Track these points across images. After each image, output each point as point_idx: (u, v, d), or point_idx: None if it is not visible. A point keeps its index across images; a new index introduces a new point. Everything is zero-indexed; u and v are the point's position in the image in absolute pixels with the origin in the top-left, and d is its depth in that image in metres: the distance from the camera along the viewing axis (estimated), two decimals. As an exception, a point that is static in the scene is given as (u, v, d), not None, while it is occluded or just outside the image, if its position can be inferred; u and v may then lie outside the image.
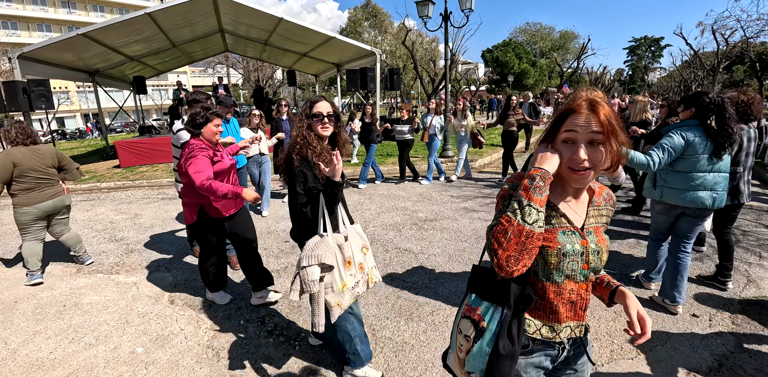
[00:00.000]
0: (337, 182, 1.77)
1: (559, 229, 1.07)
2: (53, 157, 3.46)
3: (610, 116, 0.97)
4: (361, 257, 1.92)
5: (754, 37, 19.35)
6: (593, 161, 0.99)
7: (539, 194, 0.98)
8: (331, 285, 1.79)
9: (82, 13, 39.13)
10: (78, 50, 8.72)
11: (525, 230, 0.96)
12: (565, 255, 1.05)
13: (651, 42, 51.55)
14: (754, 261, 3.52)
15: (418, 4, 8.74)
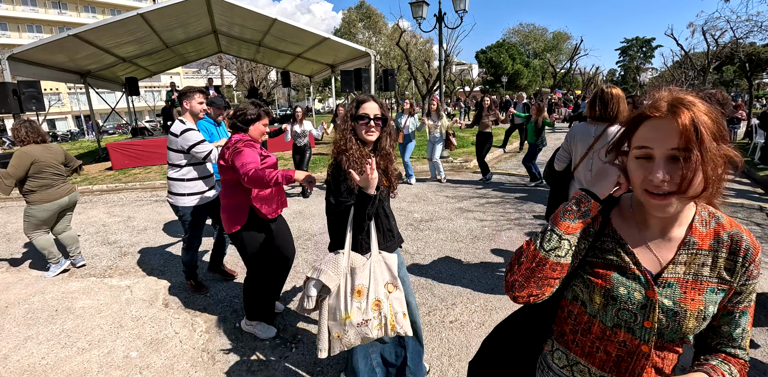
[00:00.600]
0: (368, 194, 1.50)
1: (617, 268, 0.84)
2: (62, 154, 3.59)
3: (703, 121, 0.71)
4: (382, 293, 1.60)
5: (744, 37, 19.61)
6: (677, 181, 0.72)
7: (569, 219, 0.83)
8: (335, 311, 1.57)
9: (73, 14, 38.75)
10: (69, 51, 8.62)
11: (538, 257, 0.83)
12: (615, 300, 0.83)
13: (642, 43, 52.12)
14: (746, 259, 3.55)
15: (413, 5, 8.78)
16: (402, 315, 1.63)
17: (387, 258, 1.68)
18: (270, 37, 10.96)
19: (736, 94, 34.87)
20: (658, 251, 0.84)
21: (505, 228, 4.49)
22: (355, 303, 1.55)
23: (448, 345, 2.42)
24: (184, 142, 2.80)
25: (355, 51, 10.39)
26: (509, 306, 2.84)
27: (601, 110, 2.44)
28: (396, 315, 1.62)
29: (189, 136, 2.81)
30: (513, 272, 0.86)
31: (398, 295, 1.65)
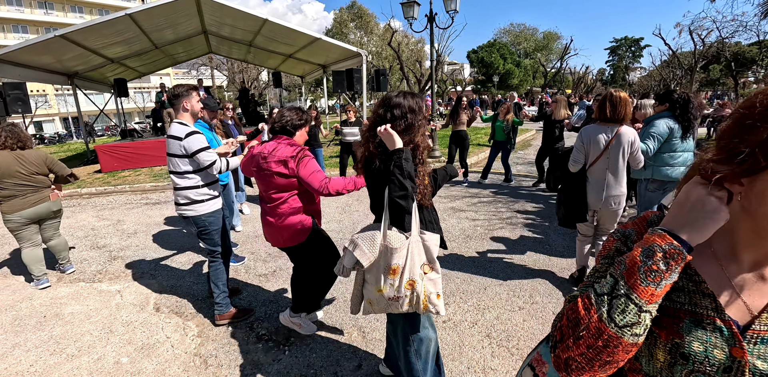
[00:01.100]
0: (393, 150, 1.54)
1: (688, 314, 0.63)
2: (40, 163, 3.31)
3: None
4: (417, 274, 1.59)
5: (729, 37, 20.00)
6: None
7: (653, 283, 0.59)
8: (369, 282, 1.65)
9: (60, 14, 38.13)
10: (56, 52, 8.48)
11: (606, 333, 0.59)
12: (686, 358, 0.62)
13: (631, 42, 52.80)
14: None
15: (404, 5, 8.79)
16: (436, 295, 1.64)
17: (427, 239, 1.64)
18: (261, 37, 10.90)
19: (722, 92, 35.46)
20: (748, 294, 0.62)
21: (497, 228, 4.52)
22: (389, 280, 1.58)
23: (442, 344, 2.43)
24: (189, 146, 2.49)
25: (347, 51, 10.38)
26: (501, 305, 2.86)
27: (611, 111, 2.68)
28: (430, 296, 1.63)
29: (195, 140, 2.52)
30: (567, 347, 0.63)
31: (434, 276, 1.64)
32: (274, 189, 2.22)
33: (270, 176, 2.19)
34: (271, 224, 2.31)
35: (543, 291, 3.05)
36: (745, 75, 31.51)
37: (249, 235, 4.54)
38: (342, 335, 2.56)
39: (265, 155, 2.21)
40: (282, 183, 2.19)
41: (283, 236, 2.30)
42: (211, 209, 2.67)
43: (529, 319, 2.68)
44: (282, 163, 2.15)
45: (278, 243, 2.36)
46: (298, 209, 2.26)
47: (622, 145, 2.70)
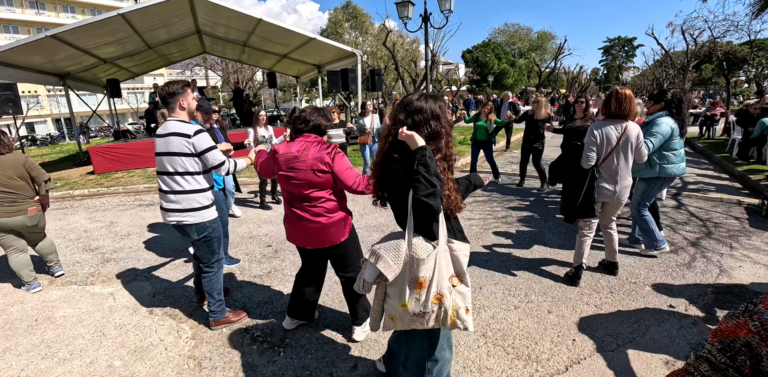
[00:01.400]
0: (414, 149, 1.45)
1: None
2: (18, 168, 3.14)
3: None
4: (446, 287, 1.47)
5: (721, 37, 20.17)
6: None
7: None
8: (391, 297, 1.52)
9: (52, 14, 37.75)
10: (47, 53, 8.39)
11: None
12: None
13: (624, 42, 53.21)
14: (725, 252, 3.65)
15: (398, 5, 8.79)
16: (465, 310, 1.53)
17: (456, 249, 1.52)
18: (255, 37, 10.86)
19: (714, 91, 35.80)
20: None
21: (492, 227, 4.53)
22: (414, 295, 1.46)
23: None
24: (199, 144, 2.32)
25: (342, 51, 10.36)
26: (496, 305, 2.86)
27: (617, 108, 2.79)
28: (458, 311, 1.51)
29: (204, 138, 2.35)
30: None
31: (463, 290, 1.53)
32: (312, 188, 2.17)
33: (308, 174, 2.13)
34: (311, 225, 2.21)
35: (538, 290, 3.06)
36: (737, 74, 31.83)
37: (243, 236, 4.51)
38: (337, 335, 2.55)
39: (296, 154, 2.16)
40: (320, 181, 2.15)
41: (329, 234, 2.24)
42: (215, 214, 2.51)
43: (524, 318, 2.69)
44: (319, 159, 2.13)
45: (319, 243, 2.26)
46: (341, 205, 2.27)
47: (630, 140, 2.83)
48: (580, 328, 2.56)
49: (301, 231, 2.27)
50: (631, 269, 3.37)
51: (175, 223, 2.41)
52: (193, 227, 2.43)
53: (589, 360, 2.26)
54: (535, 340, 2.45)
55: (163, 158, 2.35)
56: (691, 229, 4.27)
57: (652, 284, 3.11)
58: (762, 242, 3.85)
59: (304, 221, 2.23)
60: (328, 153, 2.15)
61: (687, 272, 3.29)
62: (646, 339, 2.43)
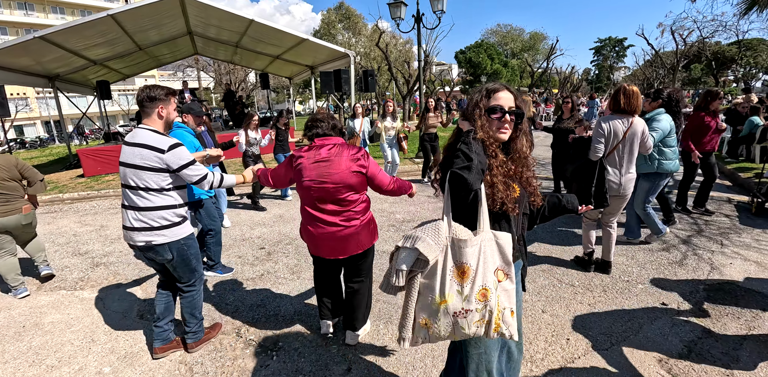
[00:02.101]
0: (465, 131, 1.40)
1: None
2: (10, 167, 3.19)
3: None
4: (491, 281, 1.28)
5: (710, 37, 20.48)
6: None
7: None
8: (427, 292, 1.29)
9: (41, 15, 37.30)
10: (36, 54, 8.27)
11: None
12: None
13: (615, 42, 53.75)
14: (716, 249, 3.69)
15: (391, 5, 8.79)
16: (510, 312, 1.31)
17: (500, 237, 1.33)
18: (247, 38, 10.79)
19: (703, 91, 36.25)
20: None
21: (486, 227, 4.53)
22: (455, 286, 1.26)
23: (431, 345, 2.42)
24: (175, 160, 2.07)
25: (335, 52, 10.34)
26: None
27: (626, 103, 2.90)
28: (503, 312, 1.30)
29: (180, 153, 2.09)
30: None
31: (508, 286, 1.33)
32: (349, 191, 2.12)
33: (344, 176, 2.08)
34: (345, 230, 2.15)
35: (532, 290, 3.06)
36: (725, 74, 32.31)
37: (236, 239, 4.47)
38: (331, 339, 2.53)
39: (328, 157, 2.10)
40: (356, 183, 2.12)
41: (364, 237, 2.22)
42: (189, 230, 2.26)
43: (518, 318, 2.69)
44: (355, 161, 2.11)
45: (354, 250, 2.20)
46: (369, 207, 2.28)
47: (636, 133, 2.95)
48: (574, 327, 2.56)
49: (330, 240, 2.18)
50: (623, 267, 3.39)
51: (143, 245, 2.11)
52: (165, 247, 2.14)
53: (583, 359, 2.26)
54: (529, 340, 2.45)
55: (128, 170, 2.08)
56: (682, 227, 4.31)
57: (644, 282, 3.12)
58: (752, 239, 3.89)
59: (336, 228, 2.15)
60: (362, 155, 2.16)
61: (679, 269, 3.32)
62: (639, 337, 2.44)
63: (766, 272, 3.22)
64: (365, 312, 2.47)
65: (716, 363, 2.20)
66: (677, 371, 2.15)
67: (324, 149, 2.14)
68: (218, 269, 3.52)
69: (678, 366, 2.19)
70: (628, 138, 2.94)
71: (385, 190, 2.25)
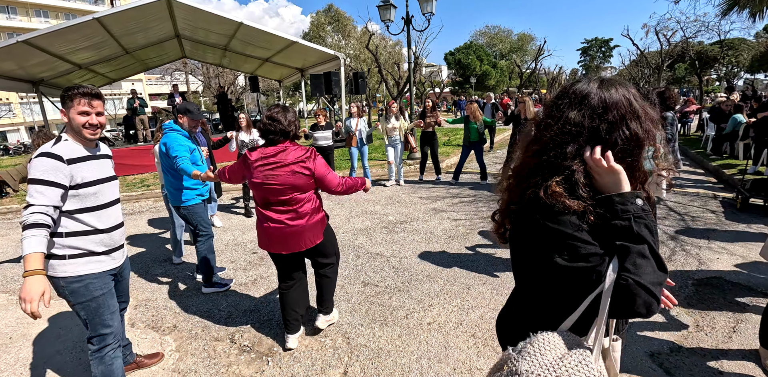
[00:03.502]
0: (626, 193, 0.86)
1: None
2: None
3: None
4: None
5: (693, 37, 20.92)
6: None
7: None
8: None
9: (24, 19, 36.61)
10: (19, 58, 8.11)
11: None
12: None
13: (601, 43, 54.62)
14: (703, 245, 3.76)
15: (380, 8, 8.81)
16: None
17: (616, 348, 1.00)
18: (236, 41, 10.72)
19: (688, 89, 37.03)
20: None
21: (478, 227, 4.56)
22: None
23: (427, 347, 2.42)
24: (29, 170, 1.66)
25: (325, 54, 10.32)
26: (485, 305, 2.88)
27: None
28: None
29: (36, 165, 1.63)
30: None
31: None
32: (296, 191, 2.21)
33: (289, 177, 2.17)
34: (289, 229, 2.24)
35: (525, 289, 3.09)
36: (708, 73, 33.01)
37: (228, 243, 4.43)
38: (326, 342, 2.52)
39: (274, 159, 2.18)
40: (302, 183, 2.20)
41: (310, 236, 2.30)
42: (73, 272, 1.70)
43: (512, 317, 2.71)
44: (300, 163, 2.18)
45: (301, 247, 2.30)
46: (319, 206, 2.35)
47: None
48: (567, 325, 2.59)
49: (277, 237, 2.27)
50: (614, 265, 3.44)
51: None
52: (58, 283, 1.73)
53: (576, 357, 2.28)
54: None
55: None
56: (670, 223, 4.38)
57: (635, 279, 3.17)
58: (737, 234, 3.98)
59: (281, 226, 2.24)
60: (307, 157, 2.21)
61: (668, 265, 3.37)
62: (630, 333, 2.48)
63: (751, 265, 3.29)
64: (332, 296, 2.61)
65: (706, 357, 2.24)
66: (669, 365, 2.18)
67: (272, 149, 2.21)
68: (217, 285, 3.28)
69: (669, 360, 2.22)
70: None
71: (335, 191, 2.31)
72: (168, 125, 3.10)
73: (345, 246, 4.13)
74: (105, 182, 1.83)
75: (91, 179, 1.75)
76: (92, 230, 1.76)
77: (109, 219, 1.83)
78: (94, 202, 1.76)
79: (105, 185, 1.83)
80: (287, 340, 2.44)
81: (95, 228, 1.77)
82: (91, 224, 1.76)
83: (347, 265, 3.66)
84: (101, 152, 1.89)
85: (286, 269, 2.45)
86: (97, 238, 1.78)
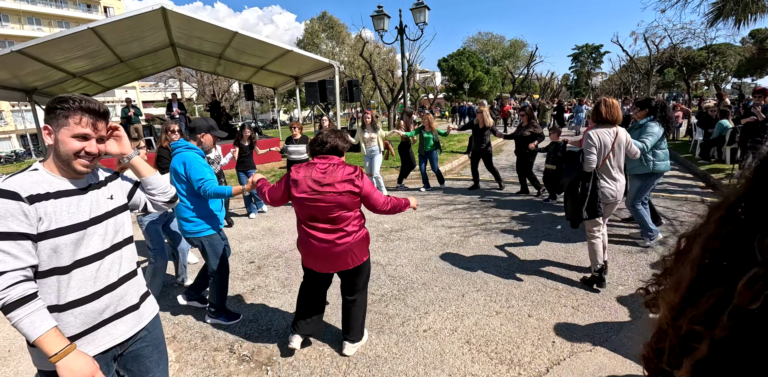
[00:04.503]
0: None
1: None
2: None
3: None
4: None
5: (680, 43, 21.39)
6: None
7: None
8: None
9: (16, 26, 36.46)
10: (12, 68, 8.12)
11: None
12: None
13: (592, 49, 55.55)
14: (691, 251, 3.86)
15: (374, 17, 8.96)
16: None
17: None
18: (231, 49, 10.80)
19: (677, 94, 37.68)
20: None
21: (472, 234, 4.63)
22: None
23: (423, 353, 2.47)
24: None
25: (319, 63, 10.43)
26: (479, 311, 2.94)
27: (607, 112, 3.09)
28: None
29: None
30: None
31: None
32: (342, 210, 2.18)
33: (337, 197, 2.14)
34: (337, 248, 2.22)
35: (518, 295, 3.15)
36: (697, 77, 33.64)
37: (225, 252, 4.46)
38: (324, 349, 2.56)
39: (322, 177, 2.15)
40: (349, 201, 2.18)
41: (357, 253, 2.29)
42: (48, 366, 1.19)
43: (506, 323, 2.77)
44: (349, 181, 2.16)
45: (348, 265, 2.29)
46: (363, 223, 2.34)
47: (622, 142, 3.14)
48: (559, 330, 2.65)
49: (324, 256, 2.24)
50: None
51: None
52: None
53: (568, 361, 2.35)
54: (516, 344, 2.53)
55: None
56: (659, 228, 4.48)
57: (624, 283, 3.25)
58: (724, 239, 4.08)
59: (328, 245, 2.21)
60: (356, 175, 2.19)
61: (657, 270, 3.45)
62: (620, 336, 2.55)
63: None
64: (363, 322, 2.53)
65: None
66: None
67: (320, 167, 2.20)
68: (223, 316, 2.95)
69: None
70: (616, 147, 3.10)
71: (380, 210, 2.28)
72: (182, 144, 2.70)
73: (341, 254, 4.19)
74: (94, 223, 1.27)
75: (66, 224, 1.20)
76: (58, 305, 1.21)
77: (97, 282, 1.27)
78: (68, 259, 1.21)
79: (94, 229, 1.27)
80: (291, 340, 2.44)
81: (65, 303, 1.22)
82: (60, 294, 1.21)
83: (344, 273, 3.71)
84: (97, 180, 1.35)
85: (316, 283, 2.47)
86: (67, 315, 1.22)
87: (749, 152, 6.39)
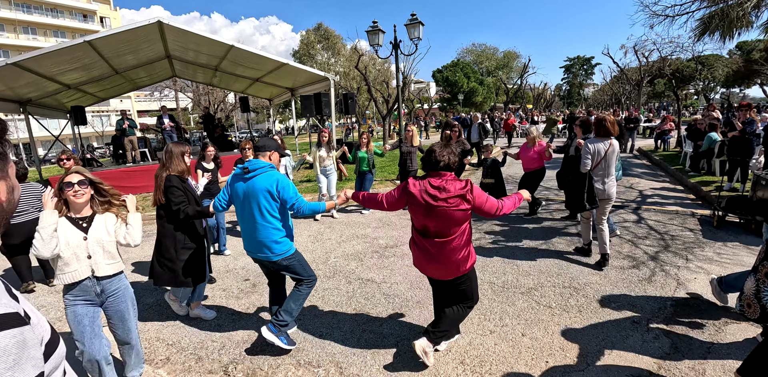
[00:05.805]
0: None
1: None
2: None
3: None
4: None
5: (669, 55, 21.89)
6: None
7: None
8: None
9: (11, 36, 36.46)
10: (7, 79, 8.12)
11: None
12: None
13: (583, 61, 56.73)
14: (681, 264, 3.91)
15: (369, 33, 9.10)
16: None
17: None
18: (227, 62, 10.89)
19: (667, 104, 38.39)
20: None
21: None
22: None
23: (417, 375, 2.47)
24: None
25: (315, 75, 10.54)
26: (473, 330, 2.95)
27: (611, 128, 3.79)
28: None
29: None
30: None
31: None
32: (454, 225, 2.33)
33: (451, 212, 2.27)
34: (446, 258, 2.39)
35: (512, 313, 3.17)
36: (686, 88, 34.35)
37: (220, 270, 4.43)
38: (318, 371, 2.55)
39: (436, 192, 2.28)
40: (460, 216, 2.30)
41: (461, 266, 2.42)
42: None
43: (500, 342, 2.78)
44: (461, 197, 2.26)
45: (450, 275, 2.46)
46: (470, 235, 2.47)
47: (615, 151, 3.87)
48: (552, 349, 2.67)
49: (435, 265, 2.46)
50: (597, 286, 3.55)
51: None
52: None
53: (562, 383, 2.36)
54: (510, 365, 2.54)
55: None
56: (650, 243, 4.54)
57: (616, 300, 3.29)
58: (714, 253, 4.15)
59: (440, 255, 2.39)
60: (468, 190, 2.29)
61: (648, 286, 3.50)
62: (613, 355, 2.57)
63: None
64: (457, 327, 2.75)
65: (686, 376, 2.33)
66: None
67: (433, 181, 2.33)
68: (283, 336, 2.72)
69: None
70: (608, 155, 3.82)
71: (494, 215, 2.41)
72: (263, 164, 2.62)
73: (337, 272, 4.18)
74: None
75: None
76: None
77: None
78: None
79: None
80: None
81: None
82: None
83: (339, 292, 3.71)
84: None
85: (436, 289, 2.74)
86: None
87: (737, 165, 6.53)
